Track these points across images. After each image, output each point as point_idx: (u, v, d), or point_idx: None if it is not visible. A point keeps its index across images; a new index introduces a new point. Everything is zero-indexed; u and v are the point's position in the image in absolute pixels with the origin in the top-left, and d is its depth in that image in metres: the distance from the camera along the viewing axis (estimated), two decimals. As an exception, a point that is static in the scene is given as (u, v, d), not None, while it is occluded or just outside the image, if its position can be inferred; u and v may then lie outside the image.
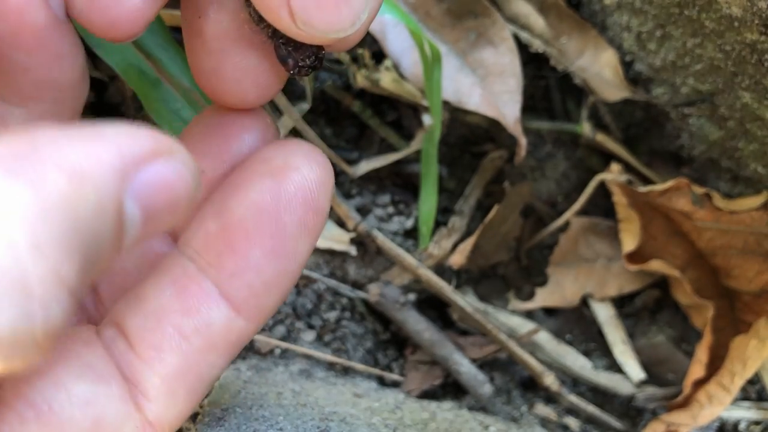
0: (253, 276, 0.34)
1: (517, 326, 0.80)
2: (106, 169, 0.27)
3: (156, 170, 0.29)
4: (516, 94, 0.76)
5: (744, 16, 0.60)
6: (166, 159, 0.30)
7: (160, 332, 0.34)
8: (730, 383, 0.75)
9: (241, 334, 0.35)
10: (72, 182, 0.25)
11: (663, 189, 0.75)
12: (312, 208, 0.35)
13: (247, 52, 0.36)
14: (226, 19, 0.35)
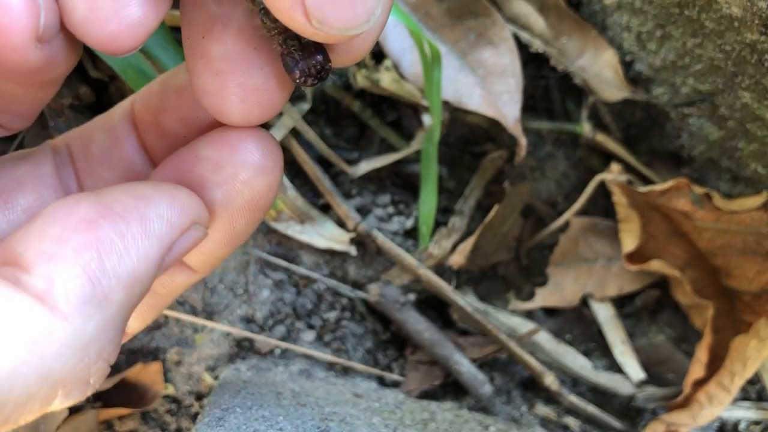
0: (206, 257, 0.41)
1: (517, 326, 0.80)
2: (152, 264, 0.33)
3: (187, 236, 0.36)
4: (516, 94, 0.76)
5: (744, 16, 0.60)
6: (196, 227, 0.36)
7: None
8: (730, 383, 0.75)
9: (192, 281, 0.42)
10: (127, 290, 0.32)
11: (663, 189, 0.75)
12: (260, 210, 0.38)
13: (251, 72, 0.36)
14: (230, 40, 0.36)
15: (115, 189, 0.34)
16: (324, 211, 0.77)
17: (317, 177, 0.76)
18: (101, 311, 0.31)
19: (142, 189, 0.35)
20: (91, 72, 0.73)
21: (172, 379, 0.73)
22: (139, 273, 0.32)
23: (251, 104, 0.37)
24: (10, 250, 0.32)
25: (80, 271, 0.30)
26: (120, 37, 0.33)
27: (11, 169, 0.41)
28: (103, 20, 0.32)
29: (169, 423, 0.72)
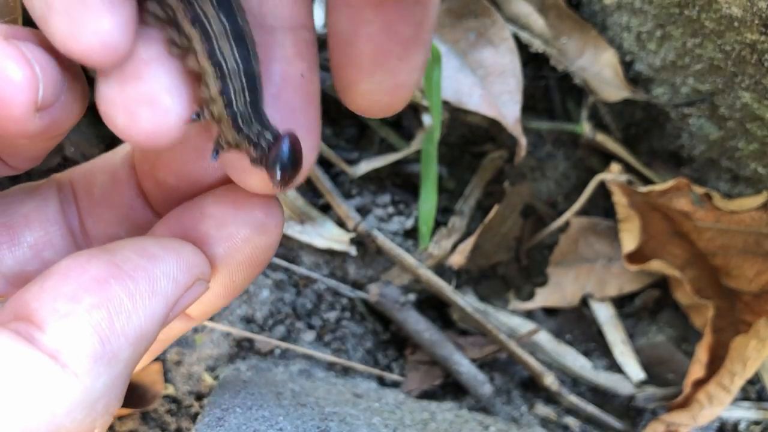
0: (205, 308, 0.42)
1: (517, 326, 0.80)
2: (157, 320, 0.35)
3: (191, 292, 0.37)
4: (516, 94, 0.76)
5: (744, 16, 0.60)
6: (199, 283, 0.38)
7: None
8: (730, 383, 0.75)
9: (187, 329, 0.44)
10: (134, 347, 0.33)
11: (663, 189, 0.75)
12: (259, 266, 0.40)
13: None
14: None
15: (125, 246, 0.36)
16: (324, 211, 0.77)
17: (317, 177, 0.76)
18: (110, 369, 0.32)
19: (150, 247, 0.36)
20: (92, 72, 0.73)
21: (172, 379, 0.73)
22: (146, 330, 0.34)
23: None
24: (24, 305, 0.33)
25: (91, 330, 0.32)
26: (161, 137, 0.34)
27: (18, 205, 0.42)
28: (146, 125, 0.34)
29: (169, 423, 0.72)
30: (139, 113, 0.33)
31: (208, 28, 0.33)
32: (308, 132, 0.37)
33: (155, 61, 0.33)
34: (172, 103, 0.33)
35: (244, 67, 0.34)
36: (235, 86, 0.34)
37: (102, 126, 0.76)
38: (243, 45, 0.34)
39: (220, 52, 0.33)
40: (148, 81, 0.33)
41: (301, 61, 0.37)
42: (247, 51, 0.34)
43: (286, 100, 0.37)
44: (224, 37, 0.33)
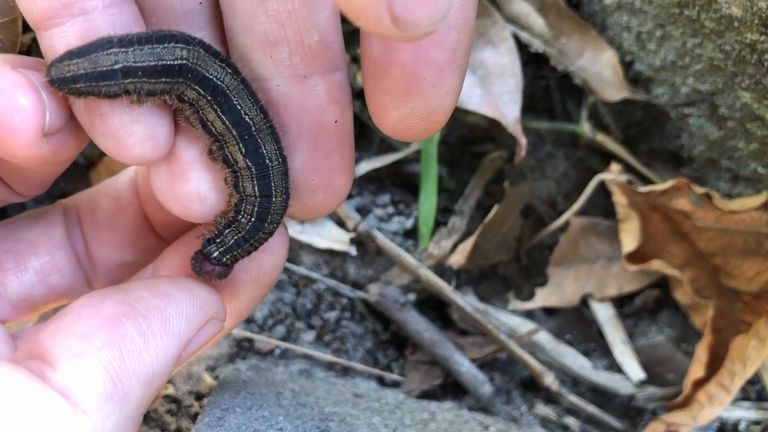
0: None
1: (517, 326, 0.80)
2: (170, 360, 0.35)
3: (204, 331, 0.37)
4: (516, 94, 0.76)
5: (744, 16, 0.60)
6: (213, 323, 0.38)
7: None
8: (730, 383, 0.75)
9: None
10: (145, 386, 0.34)
11: (663, 189, 0.75)
12: (265, 287, 0.42)
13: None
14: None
15: (139, 285, 0.37)
16: (324, 211, 0.77)
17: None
18: (120, 408, 0.33)
19: (164, 286, 0.37)
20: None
21: (172, 379, 0.73)
22: (158, 369, 0.34)
23: (312, 214, 0.42)
24: (38, 344, 0.34)
25: (102, 369, 0.32)
26: (193, 211, 0.39)
27: (24, 231, 0.43)
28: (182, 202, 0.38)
29: (169, 423, 0.72)
30: (192, 207, 0.39)
31: (235, 167, 0.39)
32: (342, 171, 0.40)
33: (197, 161, 0.38)
34: (216, 197, 0.39)
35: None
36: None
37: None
38: (266, 184, 0.39)
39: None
40: (193, 181, 0.38)
41: (335, 106, 0.39)
42: (270, 189, 0.39)
43: (320, 146, 0.39)
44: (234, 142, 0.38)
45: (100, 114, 0.35)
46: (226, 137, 0.37)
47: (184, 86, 0.35)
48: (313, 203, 0.41)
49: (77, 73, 0.33)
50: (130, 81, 0.34)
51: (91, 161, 0.75)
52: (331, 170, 0.40)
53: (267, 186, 0.38)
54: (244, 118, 0.37)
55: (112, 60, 0.34)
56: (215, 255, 0.39)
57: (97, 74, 0.34)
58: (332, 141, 0.39)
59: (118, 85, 0.34)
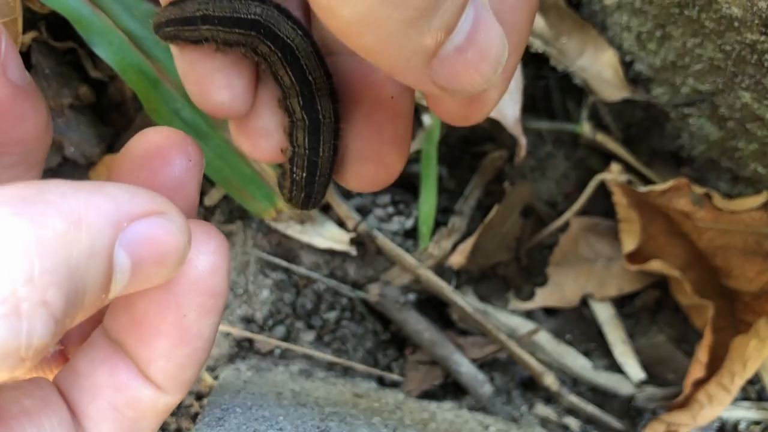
0: (165, 362, 0.39)
1: (517, 326, 0.80)
2: (102, 219, 0.32)
3: (147, 226, 0.34)
4: (516, 94, 0.76)
5: (744, 16, 0.60)
6: (158, 217, 0.35)
7: (95, 406, 0.39)
8: (730, 383, 0.75)
9: (166, 405, 0.40)
10: (69, 226, 0.30)
11: (663, 189, 0.75)
12: (208, 293, 0.38)
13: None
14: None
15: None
16: (324, 211, 0.77)
17: (317, 177, 0.76)
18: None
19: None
20: (91, 72, 0.73)
21: (172, 379, 0.73)
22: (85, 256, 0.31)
23: (363, 185, 0.43)
24: None
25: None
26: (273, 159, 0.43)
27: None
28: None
29: (169, 423, 0.72)
30: (259, 143, 0.42)
31: (292, 117, 0.42)
32: (394, 147, 0.42)
33: (269, 104, 0.41)
34: (280, 137, 0.42)
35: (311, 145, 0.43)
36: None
37: (102, 126, 0.76)
38: (315, 138, 0.43)
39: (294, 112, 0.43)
40: (264, 118, 0.42)
41: (392, 84, 0.41)
42: (318, 143, 0.43)
43: (374, 119, 0.42)
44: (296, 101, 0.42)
45: (190, 61, 0.40)
46: (290, 91, 0.41)
47: (257, 40, 0.40)
48: (363, 173, 0.43)
49: (168, 18, 0.40)
50: (207, 28, 0.39)
51: (91, 161, 0.75)
52: (383, 144, 0.42)
53: (316, 139, 0.42)
54: (308, 77, 0.41)
55: (195, 8, 0.39)
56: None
57: (182, 19, 0.39)
58: (386, 116, 0.41)
59: (198, 30, 0.39)
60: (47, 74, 0.70)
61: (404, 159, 0.42)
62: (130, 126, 0.74)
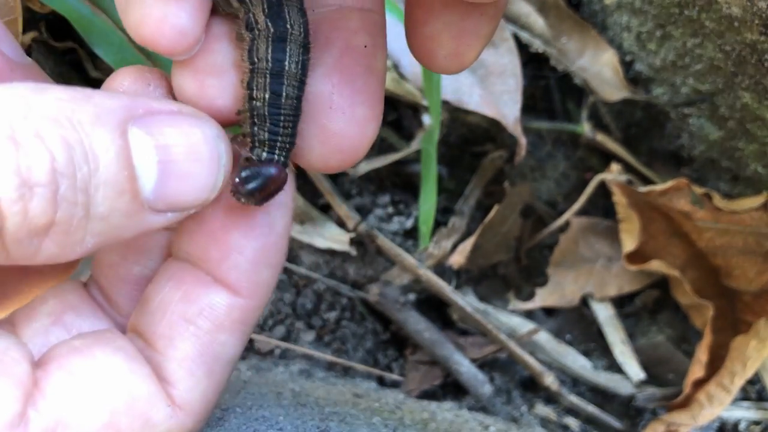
0: (237, 257, 0.36)
1: (517, 326, 0.80)
2: (110, 99, 0.31)
3: (171, 117, 0.33)
4: (516, 94, 0.76)
5: (744, 16, 0.60)
6: (183, 114, 0.33)
7: (167, 321, 0.36)
8: (730, 383, 0.75)
9: (244, 312, 0.37)
10: (72, 94, 0.30)
11: (663, 189, 0.75)
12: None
13: (332, 115, 0.37)
14: (312, 82, 0.37)
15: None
16: (324, 211, 0.77)
17: (317, 177, 0.76)
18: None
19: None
20: (91, 72, 0.73)
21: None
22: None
23: (331, 149, 0.37)
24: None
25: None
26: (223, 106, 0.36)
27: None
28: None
29: (169, 423, 0.72)
30: (207, 82, 0.35)
31: (254, 28, 0.35)
32: (366, 101, 0.37)
33: (224, 37, 0.36)
34: (234, 77, 0.36)
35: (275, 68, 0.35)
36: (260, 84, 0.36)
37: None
38: (281, 48, 0.35)
39: (257, 52, 0.36)
40: (216, 54, 0.36)
41: (365, 35, 0.37)
42: (284, 54, 0.35)
43: (345, 66, 0.37)
44: (264, 39, 0.35)
45: None
46: (254, 2, 0.35)
47: None
48: (331, 127, 0.37)
49: None
50: None
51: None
52: (355, 94, 0.37)
53: (281, 50, 0.35)
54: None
55: None
56: (264, 154, 0.36)
57: None
58: (358, 64, 0.37)
59: None
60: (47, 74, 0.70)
61: (377, 121, 0.37)
62: (130, 126, 0.74)
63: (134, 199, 0.31)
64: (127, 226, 0.32)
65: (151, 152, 0.32)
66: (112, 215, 0.31)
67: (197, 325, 0.36)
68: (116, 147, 0.31)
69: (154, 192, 0.32)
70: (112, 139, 0.31)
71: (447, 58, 0.38)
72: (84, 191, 0.30)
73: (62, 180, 0.29)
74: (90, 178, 0.30)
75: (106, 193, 0.31)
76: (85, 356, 0.34)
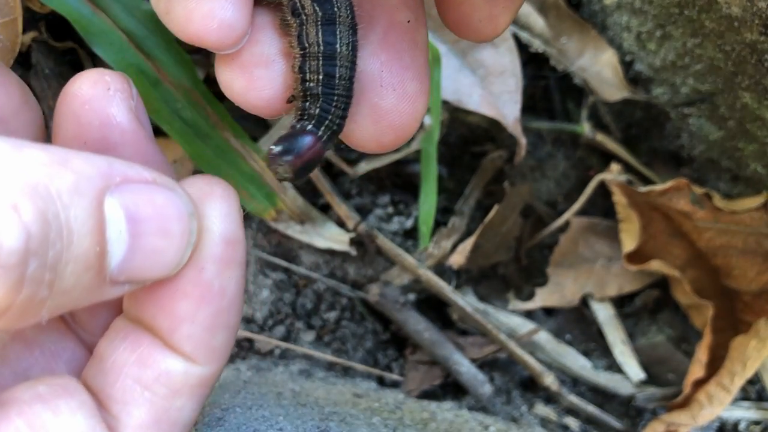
0: (189, 326, 0.34)
1: (517, 326, 0.80)
2: (91, 166, 0.30)
3: (146, 188, 0.31)
4: (516, 94, 0.76)
5: (744, 16, 0.60)
6: (158, 185, 0.32)
7: (121, 385, 0.35)
8: (730, 383, 0.75)
9: (202, 378, 0.35)
10: (54, 160, 0.28)
11: (663, 189, 0.75)
12: (223, 241, 0.34)
13: (383, 93, 0.37)
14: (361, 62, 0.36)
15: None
16: (324, 211, 0.77)
17: (317, 177, 0.76)
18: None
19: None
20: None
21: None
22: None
23: (384, 127, 0.37)
24: None
25: None
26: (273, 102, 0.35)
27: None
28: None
29: (169, 423, 0.72)
30: (258, 74, 0.35)
31: (302, 14, 0.35)
32: (415, 76, 0.37)
33: (268, 27, 0.35)
34: (283, 65, 0.35)
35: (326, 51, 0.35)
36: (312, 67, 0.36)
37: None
38: (331, 31, 0.35)
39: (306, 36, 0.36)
40: (261, 44, 0.35)
41: (407, 10, 0.37)
42: (335, 37, 0.36)
43: (391, 43, 0.36)
44: (314, 22, 0.35)
45: None
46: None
47: None
48: (383, 105, 0.36)
49: None
50: None
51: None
52: (403, 70, 0.37)
53: (332, 32, 0.36)
54: None
55: None
56: (309, 126, 0.35)
57: None
58: (404, 40, 0.37)
59: None
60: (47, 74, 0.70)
61: (426, 96, 0.37)
62: (130, 126, 0.74)
63: (99, 274, 0.30)
64: (84, 299, 0.31)
65: (123, 226, 0.31)
66: (74, 290, 0.30)
67: (153, 391, 0.35)
68: (93, 221, 0.29)
69: (119, 266, 0.31)
70: (90, 212, 0.29)
71: (482, 22, 0.37)
72: (53, 269, 0.28)
73: (33, 260, 0.27)
74: (61, 255, 0.28)
75: (74, 268, 0.29)
76: (49, 408, 0.32)
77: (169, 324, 0.34)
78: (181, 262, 0.33)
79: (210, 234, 0.34)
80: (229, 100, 0.37)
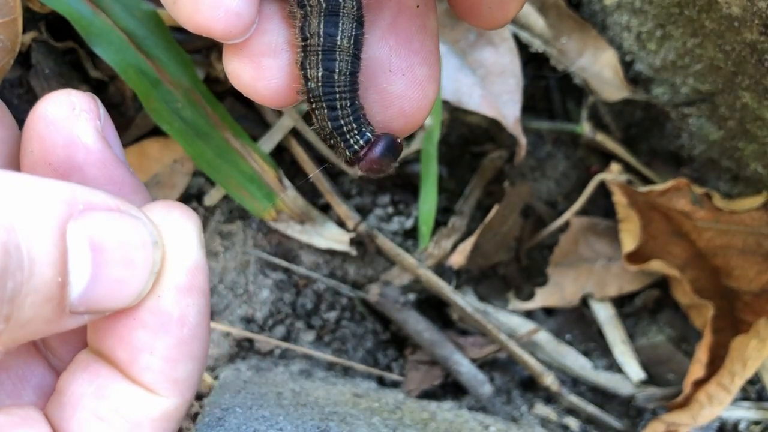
0: (149, 357, 0.33)
1: (517, 326, 0.80)
2: (52, 193, 0.29)
3: (110, 216, 0.30)
4: (516, 94, 0.76)
5: (744, 16, 0.60)
6: (122, 213, 0.31)
7: (78, 419, 0.33)
8: (730, 383, 0.75)
9: (165, 411, 0.34)
10: (10, 188, 0.27)
11: (663, 189, 0.75)
12: (180, 265, 0.33)
13: (392, 78, 0.36)
14: (368, 47, 0.36)
15: None
16: (324, 211, 0.77)
17: (317, 176, 0.76)
18: None
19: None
20: (91, 72, 0.73)
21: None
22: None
23: (393, 113, 0.37)
24: None
25: None
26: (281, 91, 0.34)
27: None
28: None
29: (169, 423, 0.72)
30: (265, 64, 0.34)
31: (306, 4, 0.35)
32: (425, 61, 0.36)
33: (276, 16, 0.35)
34: (289, 57, 0.35)
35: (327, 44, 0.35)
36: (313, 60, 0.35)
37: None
38: (333, 23, 0.35)
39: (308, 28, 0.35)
40: (270, 34, 0.34)
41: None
42: (336, 29, 0.35)
43: (400, 28, 0.36)
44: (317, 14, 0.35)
45: None
46: None
47: None
48: (393, 91, 0.36)
49: None
50: None
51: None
52: (413, 55, 0.36)
53: (333, 24, 0.35)
54: None
55: None
56: (356, 139, 0.36)
57: None
58: (413, 25, 0.36)
59: None
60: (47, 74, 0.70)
61: (437, 82, 0.37)
62: (130, 126, 0.74)
63: (59, 305, 0.29)
64: (42, 330, 0.30)
65: (86, 255, 0.30)
66: (32, 322, 0.29)
67: (110, 423, 0.33)
68: (56, 251, 0.28)
69: (80, 297, 0.30)
70: (53, 243, 0.28)
71: (492, 9, 0.36)
72: (11, 301, 0.27)
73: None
74: (21, 287, 0.27)
75: (33, 300, 0.28)
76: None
77: (128, 355, 0.33)
78: (144, 291, 0.32)
79: (169, 260, 0.33)
80: (229, 100, 0.36)
